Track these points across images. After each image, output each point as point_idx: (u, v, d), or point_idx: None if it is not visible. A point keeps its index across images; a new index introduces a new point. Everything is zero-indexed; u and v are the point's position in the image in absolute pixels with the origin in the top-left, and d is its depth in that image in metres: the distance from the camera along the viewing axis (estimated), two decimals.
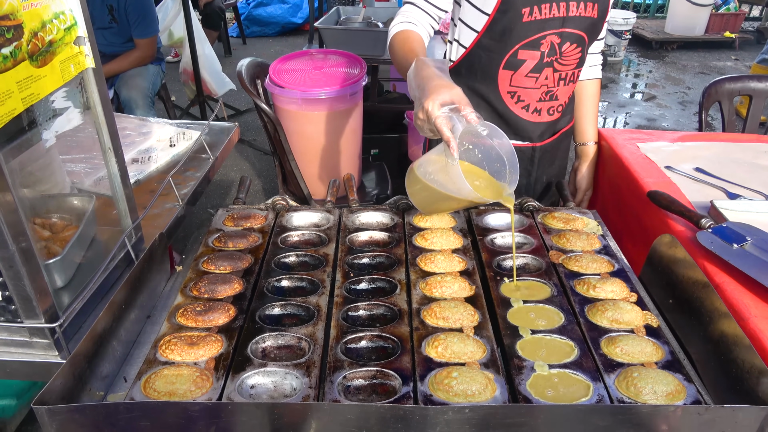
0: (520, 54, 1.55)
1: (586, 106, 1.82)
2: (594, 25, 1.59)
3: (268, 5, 7.67)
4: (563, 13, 1.51)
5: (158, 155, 1.86)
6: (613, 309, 1.11)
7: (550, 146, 1.76)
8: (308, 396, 0.92)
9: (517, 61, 1.56)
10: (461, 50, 1.63)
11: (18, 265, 0.98)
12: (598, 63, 1.81)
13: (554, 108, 1.66)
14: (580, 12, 1.53)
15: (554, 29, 1.53)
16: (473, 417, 0.84)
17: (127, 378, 1.04)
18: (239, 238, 1.34)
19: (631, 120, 5.35)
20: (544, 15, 1.50)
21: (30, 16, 0.98)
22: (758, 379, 0.89)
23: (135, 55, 3.40)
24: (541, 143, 1.72)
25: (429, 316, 1.10)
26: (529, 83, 1.59)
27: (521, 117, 1.64)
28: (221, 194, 3.88)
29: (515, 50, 1.54)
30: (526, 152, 1.71)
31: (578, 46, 1.58)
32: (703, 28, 7.30)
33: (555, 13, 1.50)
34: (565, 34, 1.54)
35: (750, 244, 1.33)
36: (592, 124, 1.83)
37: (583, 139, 1.84)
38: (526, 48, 1.54)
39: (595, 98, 1.83)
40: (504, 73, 1.58)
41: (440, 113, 1.10)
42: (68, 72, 1.10)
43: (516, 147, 1.63)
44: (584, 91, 1.81)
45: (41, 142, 1.23)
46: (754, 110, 2.47)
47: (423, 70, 1.20)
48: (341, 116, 3.01)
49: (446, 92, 1.11)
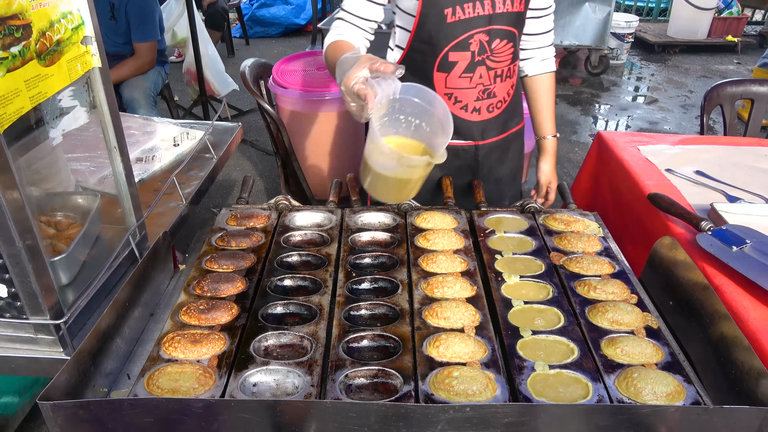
0: (450, 56, 1.53)
1: (540, 101, 1.80)
2: (520, 18, 1.57)
3: (272, 6, 7.69)
4: (489, 11, 1.49)
5: (162, 155, 1.87)
6: (614, 310, 1.12)
7: (495, 145, 1.73)
8: (310, 394, 0.93)
9: (449, 63, 1.55)
10: (399, 54, 1.62)
11: (24, 262, 0.99)
12: (551, 56, 1.79)
13: (494, 105, 1.65)
14: (507, 8, 1.51)
15: (481, 27, 1.51)
16: (474, 416, 0.85)
17: (131, 375, 1.05)
18: (242, 238, 1.35)
19: (633, 123, 5.35)
20: (468, 14, 1.48)
21: (38, 15, 0.99)
22: (757, 380, 0.90)
23: (133, 63, 3.31)
24: (484, 141, 1.69)
25: (430, 316, 1.11)
26: (464, 83, 1.58)
27: (461, 117, 1.63)
28: (224, 194, 3.89)
29: (445, 52, 1.53)
30: (470, 151, 1.70)
31: (509, 42, 1.57)
32: (705, 32, 7.30)
33: (480, 12, 1.48)
34: (493, 31, 1.52)
35: (749, 247, 1.34)
36: (549, 118, 1.81)
37: (542, 134, 1.83)
38: (456, 49, 1.52)
39: (550, 92, 1.80)
40: (438, 76, 1.57)
41: (357, 78, 1.13)
42: (75, 71, 1.12)
43: (459, 146, 1.67)
44: (538, 86, 1.79)
45: (48, 140, 1.24)
46: (755, 114, 2.47)
47: (343, 63, 1.22)
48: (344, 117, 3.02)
49: (362, 66, 1.15)
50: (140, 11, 3.23)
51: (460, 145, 1.68)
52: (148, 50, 3.33)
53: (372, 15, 1.56)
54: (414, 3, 1.50)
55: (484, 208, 1.53)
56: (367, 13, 1.55)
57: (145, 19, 3.26)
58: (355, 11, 1.55)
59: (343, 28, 1.56)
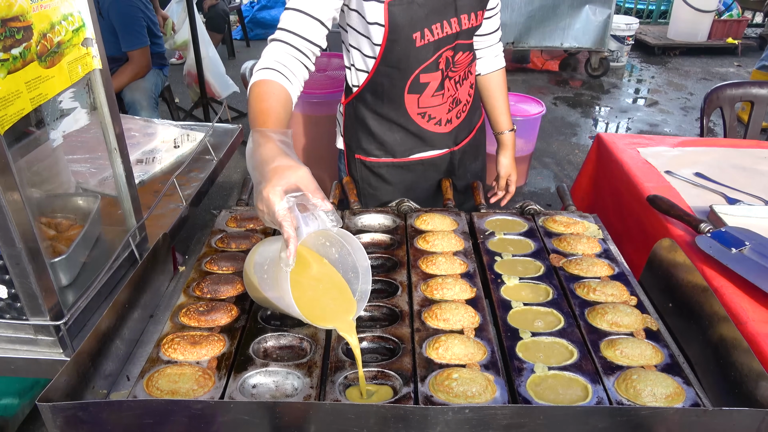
0: (422, 78, 1.50)
1: (496, 97, 1.80)
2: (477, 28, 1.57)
3: (272, 8, 7.71)
4: (456, 29, 1.47)
5: (162, 156, 1.87)
6: (613, 312, 1.12)
7: (468, 146, 1.76)
8: (309, 396, 0.93)
9: (421, 84, 1.51)
10: (362, 76, 1.54)
11: (24, 263, 1.00)
12: (500, 52, 1.79)
13: (461, 110, 1.66)
14: (471, 23, 1.50)
15: (448, 45, 1.49)
16: (473, 417, 0.85)
17: (130, 376, 1.05)
18: (242, 239, 1.35)
19: (633, 125, 5.35)
20: (437, 35, 1.44)
21: (39, 17, 1.00)
22: (756, 382, 0.90)
23: (129, 69, 3.32)
24: (458, 146, 1.72)
25: (430, 317, 1.11)
26: (436, 102, 1.57)
27: (436, 132, 1.63)
28: (224, 195, 3.90)
29: (416, 75, 1.49)
30: (446, 159, 1.71)
31: (468, 51, 1.57)
32: (705, 34, 7.31)
33: (448, 31, 1.45)
34: (458, 46, 1.52)
35: (749, 249, 1.34)
36: (505, 113, 1.82)
37: (500, 129, 1.84)
38: (426, 71, 1.49)
39: (503, 88, 1.81)
40: (410, 97, 1.53)
41: (283, 206, 0.92)
42: (76, 73, 1.12)
43: (435, 157, 1.69)
44: (492, 83, 1.79)
45: (48, 141, 1.24)
46: (755, 116, 2.48)
47: (262, 146, 1.01)
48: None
49: (290, 174, 0.94)
50: (123, 18, 3.20)
51: (438, 156, 1.70)
52: (140, 56, 3.33)
53: (314, 36, 1.33)
54: (378, 30, 1.40)
55: (483, 210, 1.53)
56: (310, 33, 1.32)
57: (129, 25, 3.23)
58: (295, 29, 1.31)
59: (279, 54, 1.29)
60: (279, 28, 1.33)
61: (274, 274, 0.98)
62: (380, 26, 1.40)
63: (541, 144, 4.52)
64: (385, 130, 1.61)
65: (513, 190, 1.90)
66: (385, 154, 1.65)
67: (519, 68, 6.77)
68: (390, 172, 1.68)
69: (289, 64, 1.29)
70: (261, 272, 1.03)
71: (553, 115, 5.40)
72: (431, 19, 1.42)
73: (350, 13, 1.44)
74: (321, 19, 1.34)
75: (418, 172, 1.70)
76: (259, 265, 1.04)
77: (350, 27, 1.48)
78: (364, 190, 1.70)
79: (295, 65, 1.30)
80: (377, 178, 1.69)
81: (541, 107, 3.82)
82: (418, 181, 1.71)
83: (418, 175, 1.71)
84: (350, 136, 1.67)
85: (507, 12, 5.83)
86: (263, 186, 0.94)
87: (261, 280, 1.03)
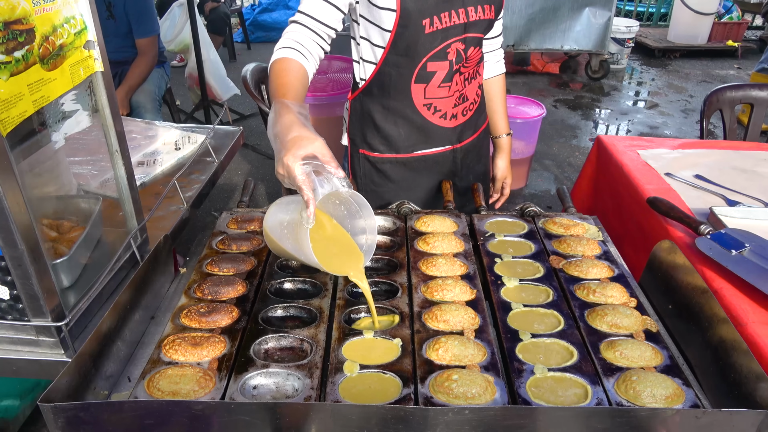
0: (429, 66, 1.53)
1: (495, 102, 1.85)
2: (491, 25, 1.61)
3: (273, 11, 7.73)
4: (464, 19, 1.51)
5: (164, 158, 1.88)
6: (613, 314, 1.12)
7: (471, 145, 1.77)
8: (310, 397, 0.93)
9: (428, 73, 1.54)
10: (370, 68, 1.59)
11: (26, 265, 1.00)
12: (501, 58, 1.84)
13: (467, 108, 1.68)
14: (479, 15, 1.53)
15: (458, 36, 1.52)
16: (473, 418, 0.85)
17: (131, 378, 1.05)
18: (243, 241, 1.36)
19: (633, 127, 5.36)
20: (445, 24, 1.48)
21: (42, 20, 1.00)
22: (756, 383, 0.90)
23: (143, 62, 3.31)
24: (461, 144, 1.74)
25: (430, 319, 1.11)
26: (442, 93, 1.59)
27: (440, 126, 1.66)
28: (225, 197, 3.90)
29: (424, 63, 1.53)
30: (448, 156, 1.73)
31: (478, 47, 1.60)
32: (705, 37, 7.32)
33: (456, 21, 1.50)
34: (468, 39, 1.55)
35: (748, 251, 1.34)
36: (503, 117, 1.88)
37: (497, 133, 1.89)
38: (434, 59, 1.53)
39: (503, 93, 1.87)
40: (417, 87, 1.57)
41: (302, 171, 1.04)
42: (78, 75, 1.12)
43: (437, 154, 1.71)
44: (492, 88, 1.84)
45: (50, 143, 1.25)
46: (755, 118, 2.48)
47: (283, 116, 1.13)
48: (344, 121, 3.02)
49: (308, 144, 1.06)
50: (140, 6, 3.22)
51: (440, 152, 1.71)
52: (151, 45, 3.33)
53: (330, 20, 1.47)
54: (389, 15, 1.46)
55: (483, 212, 1.54)
56: (326, 17, 1.46)
57: (145, 13, 3.25)
58: (313, 13, 1.46)
59: (298, 34, 1.44)
60: (299, 11, 1.47)
61: (294, 229, 1.11)
62: (392, 11, 1.46)
63: (541, 146, 4.53)
64: (390, 124, 1.63)
65: (508, 193, 1.94)
66: (388, 149, 1.67)
67: (519, 71, 6.78)
68: (392, 169, 1.70)
69: (306, 45, 1.43)
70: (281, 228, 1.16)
71: (553, 117, 5.40)
72: (440, 7, 1.47)
73: (362, 2, 1.51)
74: (337, 5, 1.47)
75: (421, 170, 1.71)
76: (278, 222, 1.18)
77: (362, 17, 1.54)
78: (365, 186, 1.72)
79: (312, 46, 1.45)
80: (380, 174, 1.71)
81: (541, 109, 3.82)
82: (419, 180, 1.72)
83: (420, 174, 1.72)
84: (355, 131, 1.70)
85: (508, 15, 5.84)
86: (283, 154, 1.06)
87: (282, 235, 1.16)
